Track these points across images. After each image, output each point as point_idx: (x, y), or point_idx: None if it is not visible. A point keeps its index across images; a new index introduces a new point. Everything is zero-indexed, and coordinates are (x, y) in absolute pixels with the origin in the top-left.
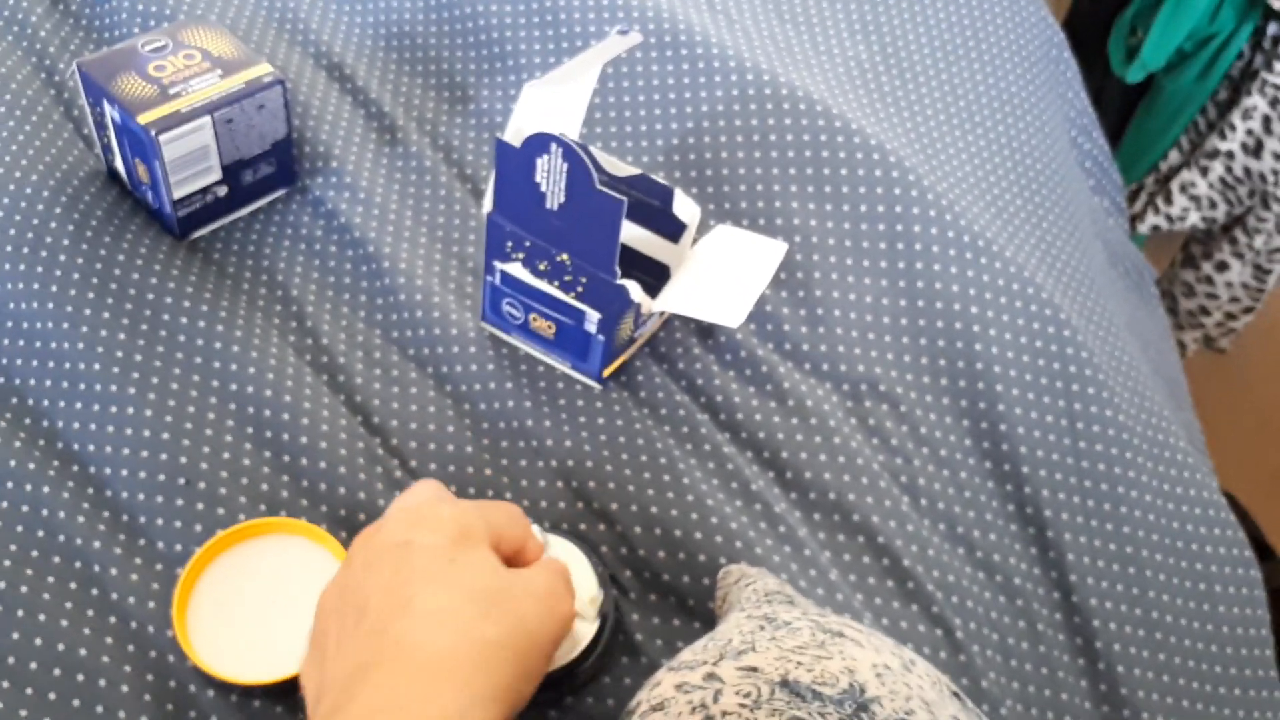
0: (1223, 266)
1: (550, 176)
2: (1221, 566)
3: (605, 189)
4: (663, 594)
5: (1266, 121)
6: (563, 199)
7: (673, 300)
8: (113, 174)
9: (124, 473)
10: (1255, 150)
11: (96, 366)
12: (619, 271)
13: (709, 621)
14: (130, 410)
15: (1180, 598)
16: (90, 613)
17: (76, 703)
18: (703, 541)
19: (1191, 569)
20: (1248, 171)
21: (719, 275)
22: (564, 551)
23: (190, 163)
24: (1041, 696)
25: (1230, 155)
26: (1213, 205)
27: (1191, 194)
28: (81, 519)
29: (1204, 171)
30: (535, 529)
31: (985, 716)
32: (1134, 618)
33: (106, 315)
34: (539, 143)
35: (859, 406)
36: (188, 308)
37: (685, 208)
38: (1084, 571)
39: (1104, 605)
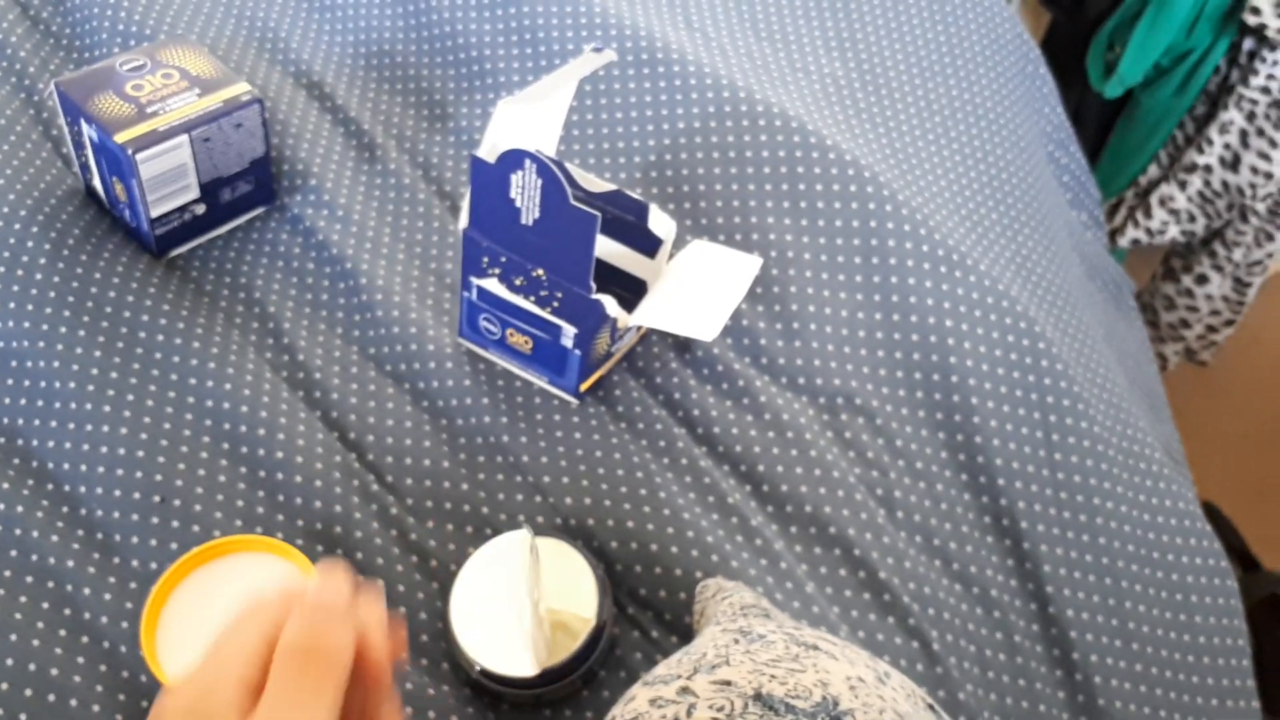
0: (1203, 279)
1: (525, 192)
2: (1198, 577)
3: (579, 204)
4: (641, 607)
5: (1243, 135)
6: (537, 214)
7: (648, 314)
8: (90, 192)
9: (99, 490)
10: (1233, 164)
11: (72, 385)
12: (594, 286)
13: (686, 635)
14: (106, 428)
15: (1156, 608)
16: (62, 632)
17: None
18: (679, 555)
19: (1168, 579)
20: (1225, 185)
21: (694, 289)
22: (558, 554)
23: (168, 181)
24: (1019, 708)
25: (1208, 169)
26: (1191, 219)
27: (1171, 208)
28: (55, 537)
29: (1182, 185)
30: (527, 534)
31: None
32: (1110, 628)
33: (83, 333)
34: (513, 159)
35: (835, 420)
36: (164, 325)
37: (661, 223)
38: (1060, 583)
39: (1080, 616)
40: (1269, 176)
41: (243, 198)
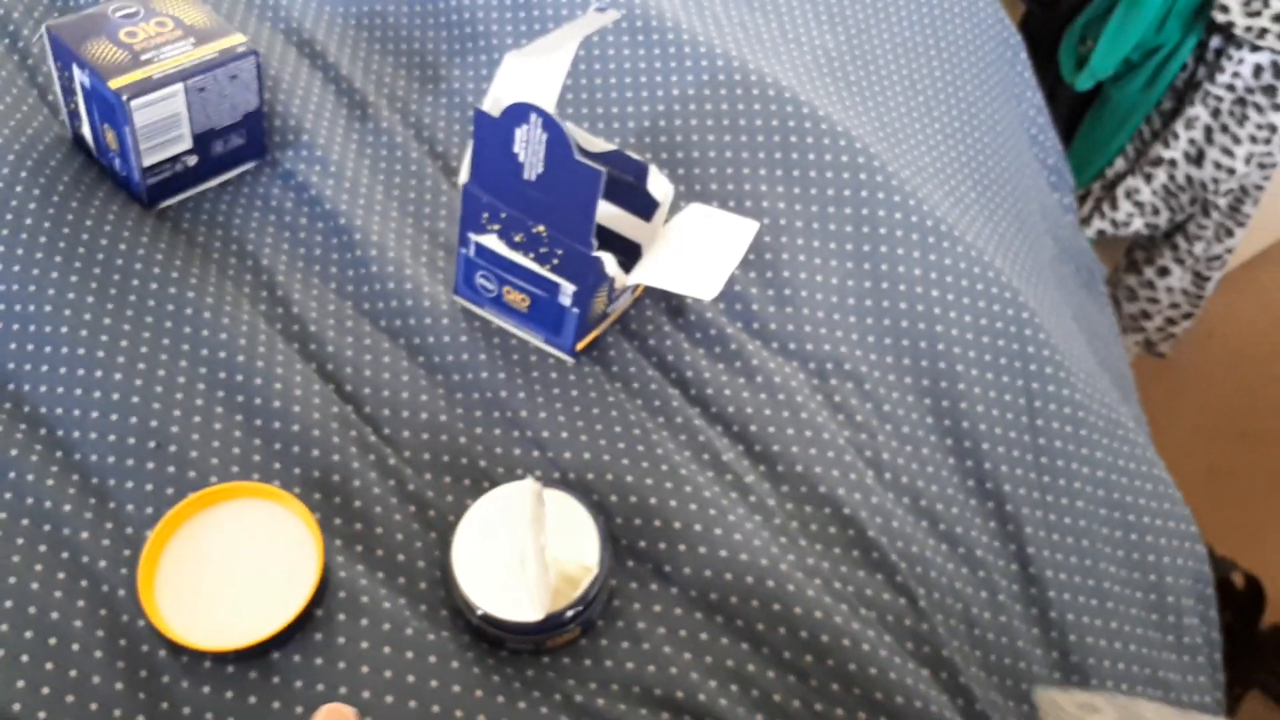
0: (1164, 272)
1: (529, 147)
2: (1170, 540)
3: (584, 160)
4: (640, 560)
5: (1208, 131)
6: (541, 169)
7: (648, 273)
8: (79, 140)
9: (93, 436)
10: (1197, 159)
11: (64, 329)
12: (596, 243)
13: (684, 587)
14: (99, 373)
15: (1127, 569)
16: (61, 575)
17: (50, 665)
18: (678, 509)
19: (1141, 541)
20: (1189, 179)
21: (692, 250)
22: (560, 504)
23: (161, 130)
24: (1001, 664)
25: (1173, 163)
26: (1155, 211)
27: (1136, 200)
28: (51, 482)
29: (1148, 178)
30: (533, 483)
31: None
32: (1086, 587)
33: (75, 279)
34: (518, 113)
35: (824, 384)
36: (158, 274)
37: (659, 185)
38: (1040, 544)
39: (1058, 576)
40: (1231, 172)
41: (235, 151)
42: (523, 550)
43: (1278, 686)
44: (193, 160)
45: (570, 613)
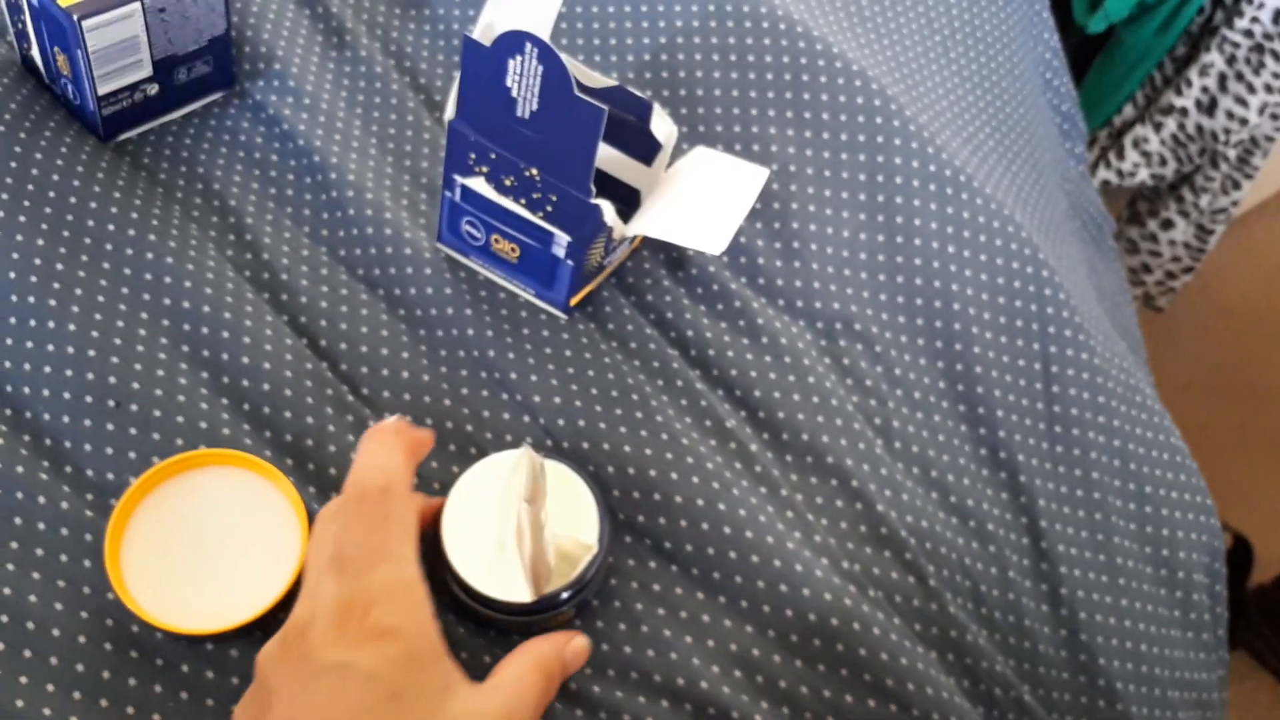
0: (1168, 224)
1: (523, 81)
2: (1185, 513)
3: (584, 96)
4: (637, 536)
5: (1222, 79)
6: (535, 106)
7: (650, 223)
8: (28, 64)
9: (45, 393)
10: (1209, 108)
11: (12, 275)
12: (594, 189)
13: (684, 566)
14: (51, 324)
15: (1139, 542)
16: (14, 545)
17: (1, 646)
18: (679, 482)
19: (1156, 514)
20: (1200, 129)
21: (698, 199)
22: (560, 477)
23: (117, 55)
24: (1006, 643)
25: (1184, 112)
26: (1163, 162)
27: (1144, 149)
28: (1, 442)
29: (1157, 127)
30: (531, 452)
31: None
32: (1097, 563)
33: (23, 219)
34: (512, 41)
35: (833, 345)
36: (115, 215)
37: (662, 126)
38: (1052, 517)
39: (1069, 551)
40: (1244, 122)
41: (199, 80)
42: (518, 526)
43: (1261, 646)
44: (153, 89)
45: (566, 594)
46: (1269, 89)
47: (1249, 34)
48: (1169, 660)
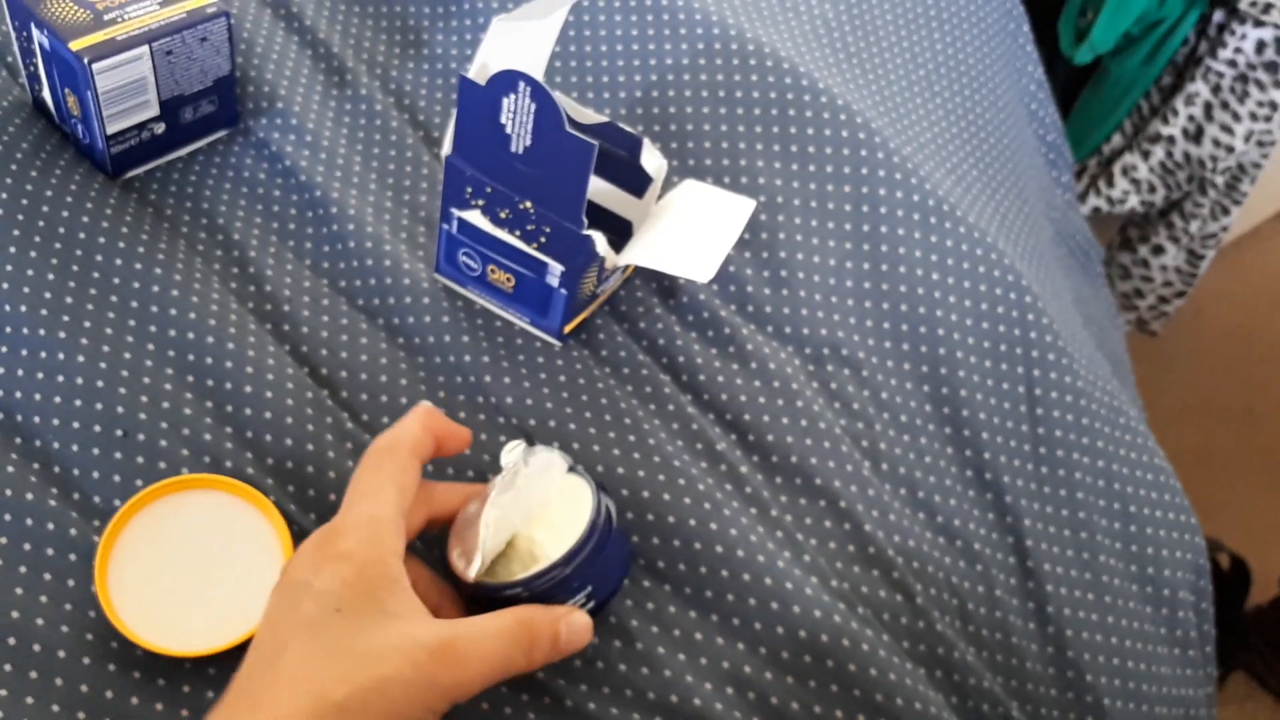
0: (1159, 250)
1: (516, 117)
2: (1169, 532)
3: (575, 132)
4: (632, 556)
5: (1208, 108)
6: (529, 142)
7: (640, 253)
8: (39, 105)
9: (55, 422)
10: (1196, 136)
11: (23, 308)
12: (586, 221)
13: (678, 585)
14: (61, 355)
15: (1125, 560)
16: (23, 569)
17: (8, 668)
18: (671, 503)
19: (1141, 534)
20: (1187, 157)
21: (687, 230)
22: (573, 492)
23: (126, 96)
24: (994, 660)
25: (1171, 140)
26: (1152, 189)
27: (1133, 177)
28: (11, 469)
29: (1145, 155)
30: (520, 445)
31: None
32: (1083, 581)
33: (34, 254)
34: (505, 81)
35: (821, 370)
36: (122, 249)
37: (652, 160)
38: (1038, 536)
39: (1055, 570)
40: (1230, 150)
41: (205, 118)
42: (487, 510)
43: (1261, 667)
44: (160, 128)
45: (509, 592)
46: (1254, 117)
47: (1233, 64)
48: (1156, 677)
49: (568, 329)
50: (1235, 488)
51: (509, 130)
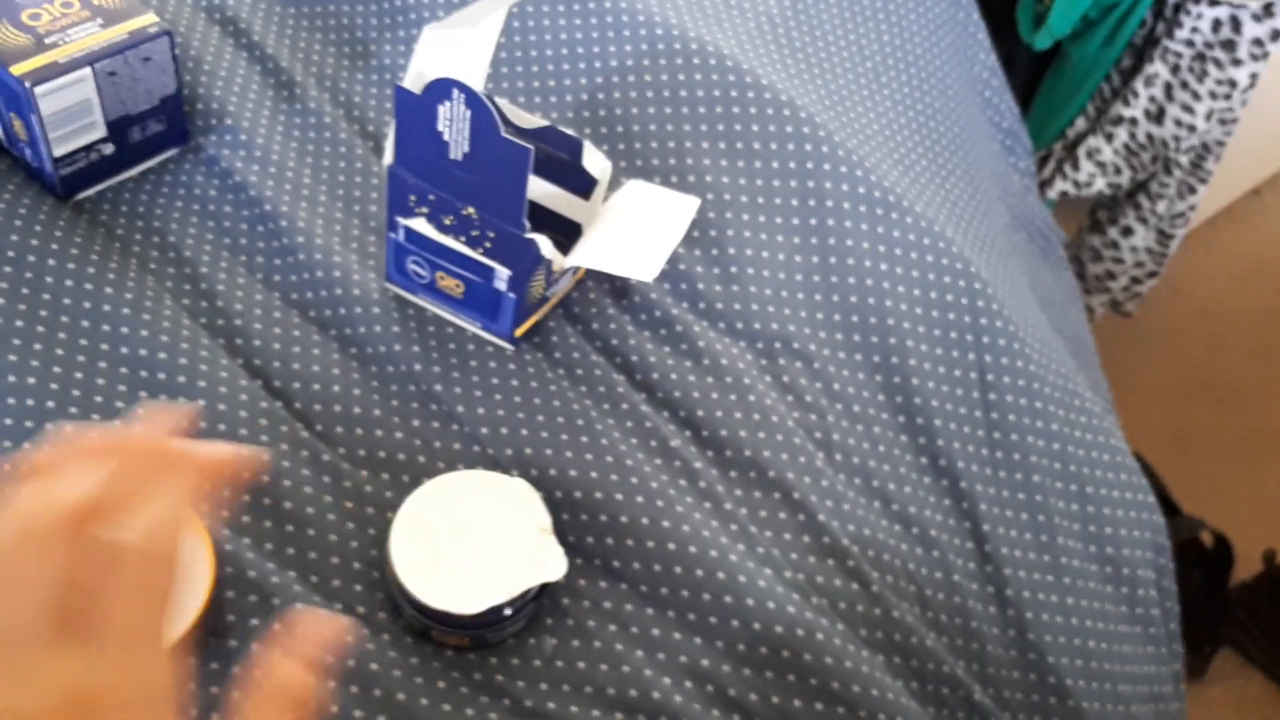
0: (1128, 231)
1: (453, 125)
2: (1127, 511)
3: (511, 137)
4: (587, 556)
5: (1168, 88)
6: (467, 149)
7: (586, 255)
8: None
9: (7, 444)
10: (1157, 117)
11: None
12: (528, 224)
13: (633, 583)
14: (12, 379)
15: (1083, 541)
16: None
17: None
18: (625, 502)
19: (1099, 514)
20: (1150, 138)
21: (632, 230)
22: (512, 494)
23: (71, 118)
24: (955, 645)
25: (1134, 122)
26: (1118, 171)
27: (1098, 160)
28: None
29: (1109, 138)
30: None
31: None
32: (1041, 563)
33: None
34: (440, 89)
35: (773, 364)
36: (73, 270)
37: (595, 161)
38: (995, 520)
39: (1014, 554)
40: (1191, 129)
41: (154, 137)
42: (467, 540)
43: (1248, 643)
44: (109, 149)
45: (506, 609)
46: (1214, 95)
47: (1190, 44)
48: (1118, 655)
49: (519, 332)
50: (1216, 466)
51: (447, 138)
